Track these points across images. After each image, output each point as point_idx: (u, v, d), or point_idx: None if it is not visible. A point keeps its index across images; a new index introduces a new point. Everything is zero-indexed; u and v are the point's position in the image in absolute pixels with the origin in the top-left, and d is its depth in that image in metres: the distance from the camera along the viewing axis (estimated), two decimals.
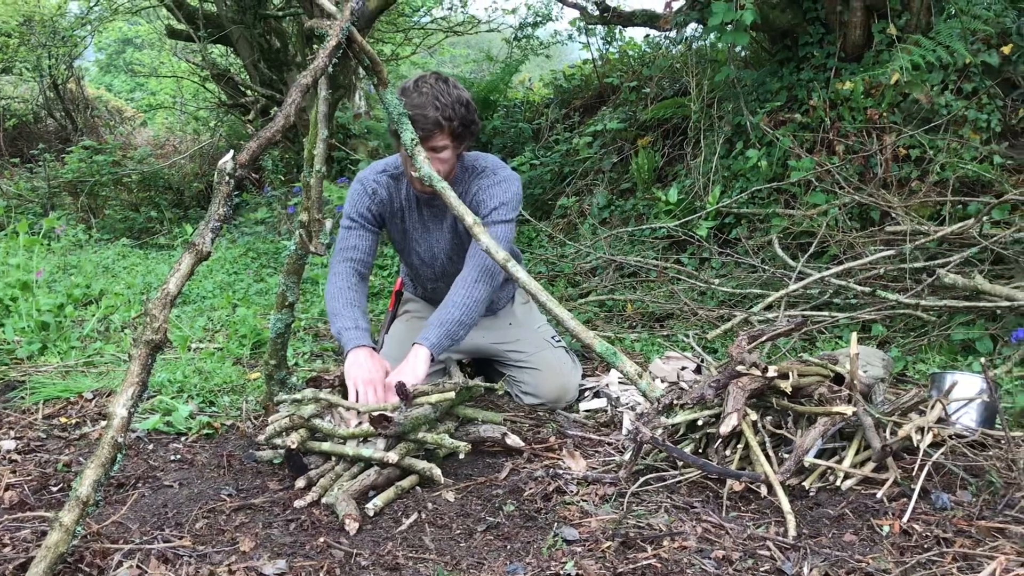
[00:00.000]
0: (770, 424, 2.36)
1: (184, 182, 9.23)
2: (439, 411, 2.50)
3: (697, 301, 4.22)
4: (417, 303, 3.30)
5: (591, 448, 2.66)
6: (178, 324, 4.03)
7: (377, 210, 2.98)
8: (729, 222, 5.00)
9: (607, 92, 7.27)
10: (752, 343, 2.48)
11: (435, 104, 2.70)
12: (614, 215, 5.84)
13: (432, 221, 3.01)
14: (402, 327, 3.22)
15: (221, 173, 2.05)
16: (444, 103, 2.71)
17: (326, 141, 2.53)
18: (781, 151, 4.88)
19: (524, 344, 3.16)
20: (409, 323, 3.22)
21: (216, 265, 5.63)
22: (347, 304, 2.82)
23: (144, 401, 2.85)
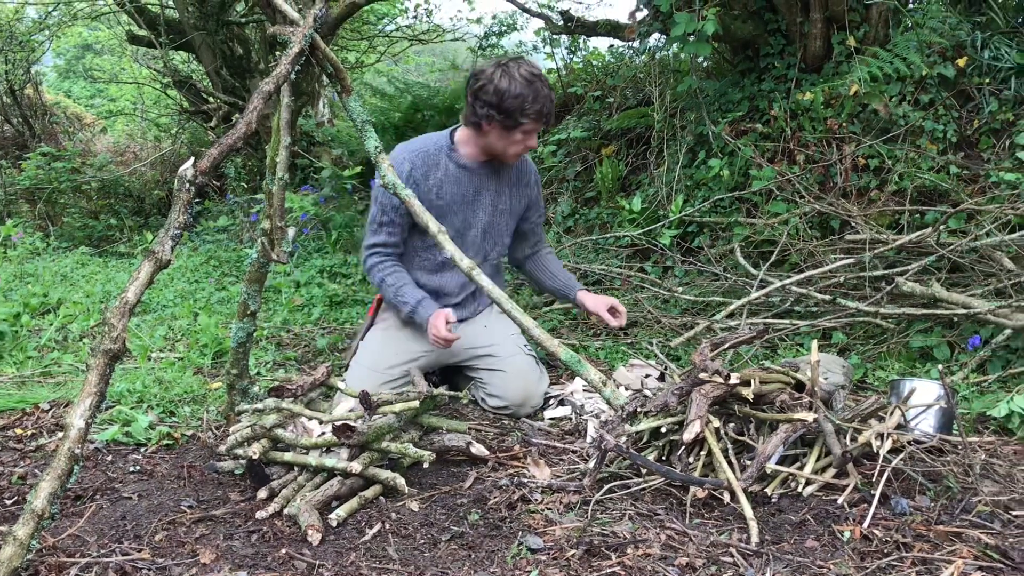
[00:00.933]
0: (733, 431, 2.37)
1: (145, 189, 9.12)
2: (403, 420, 2.49)
3: (661, 309, 4.24)
4: (395, 313, 3.27)
5: (556, 456, 2.65)
6: (138, 333, 3.98)
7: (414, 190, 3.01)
8: (692, 231, 5.04)
9: (572, 101, 7.30)
10: (715, 351, 2.49)
11: (549, 92, 2.92)
12: (578, 223, 5.85)
13: (474, 192, 3.11)
14: (378, 336, 3.20)
15: (181, 180, 2.03)
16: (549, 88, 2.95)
17: (289, 148, 2.51)
18: (743, 161, 4.93)
19: (496, 348, 3.16)
20: (385, 332, 3.19)
21: (177, 273, 5.56)
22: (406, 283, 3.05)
23: (102, 412, 2.81)
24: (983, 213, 3.86)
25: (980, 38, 4.73)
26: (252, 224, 6.65)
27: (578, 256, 5.22)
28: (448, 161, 3.05)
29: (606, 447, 2.26)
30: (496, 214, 3.15)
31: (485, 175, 3.10)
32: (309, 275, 5.18)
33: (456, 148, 3.06)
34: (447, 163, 3.05)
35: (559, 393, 3.19)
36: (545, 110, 2.90)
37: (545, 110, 2.90)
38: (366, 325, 3.30)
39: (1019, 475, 2.34)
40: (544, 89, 2.90)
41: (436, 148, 3.06)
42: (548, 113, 2.91)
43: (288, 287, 5.00)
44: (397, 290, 3.05)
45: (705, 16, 4.63)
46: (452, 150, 3.06)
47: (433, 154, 3.05)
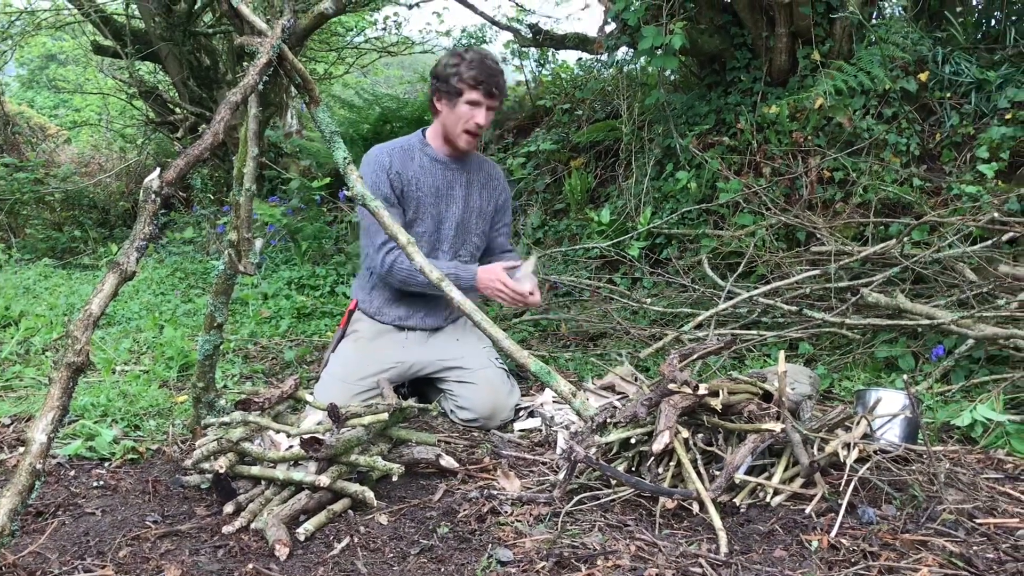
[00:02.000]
0: (701, 441, 2.38)
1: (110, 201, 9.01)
2: (372, 433, 2.47)
3: (630, 320, 4.26)
4: (366, 323, 3.25)
5: (526, 468, 2.65)
6: (102, 346, 3.92)
7: (398, 185, 3.15)
8: (660, 242, 5.07)
9: (541, 114, 7.32)
10: (683, 361, 2.50)
11: (498, 68, 3.06)
12: (548, 235, 5.87)
13: (445, 185, 3.18)
14: (349, 347, 3.19)
15: (147, 191, 2.00)
16: (501, 69, 3.08)
17: (256, 159, 2.49)
18: (710, 173, 4.97)
19: (467, 361, 3.16)
20: (356, 343, 3.18)
21: (143, 285, 5.50)
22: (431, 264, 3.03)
23: (65, 426, 2.76)
24: (945, 225, 3.92)
25: (941, 53, 4.81)
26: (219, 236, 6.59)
27: (548, 268, 5.22)
28: (421, 155, 3.18)
29: (576, 458, 2.26)
30: (467, 210, 3.22)
31: (456, 169, 3.20)
32: (277, 287, 5.15)
33: (428, 142, 3.21)
34: (421, 156, 3.18)
35: (529, 405, 3.18)
36: (481, 77, 3.00)
37: (481, 77, 3.00)
38: (337, 336, 3.29)
39: (982, 484, 2.37)
40: (482, 60, 3.02)
41: (410, 144, 3.21)
42: (485, 82, 3.00)
43: (255, 299, 4.96)
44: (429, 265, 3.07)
45: (672, 30, 4.67)
46: (424, 144, 3.20)
47: (408, 149, 3.19)
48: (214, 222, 6.93)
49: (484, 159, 3.33)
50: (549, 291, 4.87)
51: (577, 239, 5.58)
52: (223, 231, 6.45)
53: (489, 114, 3.09)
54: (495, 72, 3.03)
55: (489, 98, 3.05)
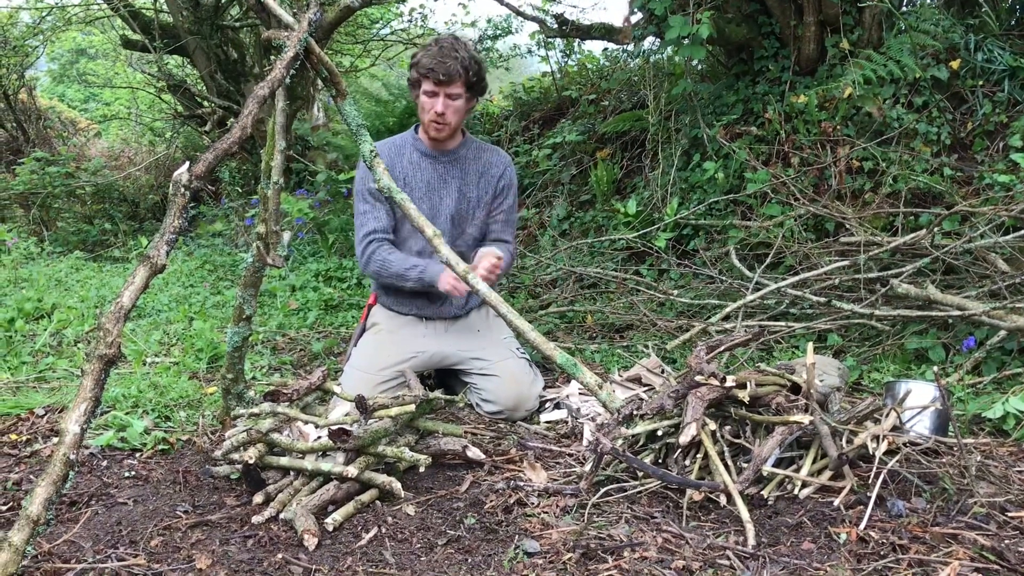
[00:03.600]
0: (729, 434, 2.38)
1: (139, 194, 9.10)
2: (399, 424, 2.49)
3: (656, 312, 4.25)
4: (386, 314, 3.27)
5: (552, 460, 2.65)
6: (132, 338, 3.97)
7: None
8: (687, 233, 5.05)
9: (566, 105, 7.31)
10: (710, 353, 2.49)
11: (453, 55, 2.98)
12: (574, 227, 5.86)
13: (436, 179, 3.18)
14: (370, 339, 3.21)
15: (176, 185, 2.02)
16: (462, 55, 3.01)
17: (284, 152, 2.51)
18: (737, 163, 4.93)
19: (488, 352, 3.16)
20: (377, 336, 3.20)
21: (172, 278, 5.55)
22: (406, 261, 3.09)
23: (97, 417, 2.79)
24: (977, 215, 3.87)
25: (973, 40, 4.74)
26: (247, 228, 6.63)
27: (573, 259, 5.22)
28: (413, 150, 3.20)
29: (602, 450, 2.27)
30: (463, 202, 3.20)
31: (448, 162, 3.19)
32: (304, 279, 5.18)
33: (419, 137, 3.22)
34: (412, 152, 3.19)
35: (555, 396, 3.19)
36: (430, 64, 2.98)
37: (430, 64, 2.98)
38: (358, 330, 3.31)
39: (1014, 476, 2.34)
40: (438, 48, 2.99)
41: (402, 140, 3.23)
42: (433, 70, 2.97)
43: (283, 291, 5.00)
44: (402, 263, 3.10)
45: (699, 19, 4.64)
46: (416, 139, 3.21)
47: (399, 145, 3.21)
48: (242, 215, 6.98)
49: (485, 146, 3.29)
50: (575, 283, 4.87)
51: (603, 230, 5.57)
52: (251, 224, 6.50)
53: (450, 102, 3.03)
54: (446, 57, 2.97)
55: (441, 85, 3.00)
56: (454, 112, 3.06)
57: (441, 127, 3.08)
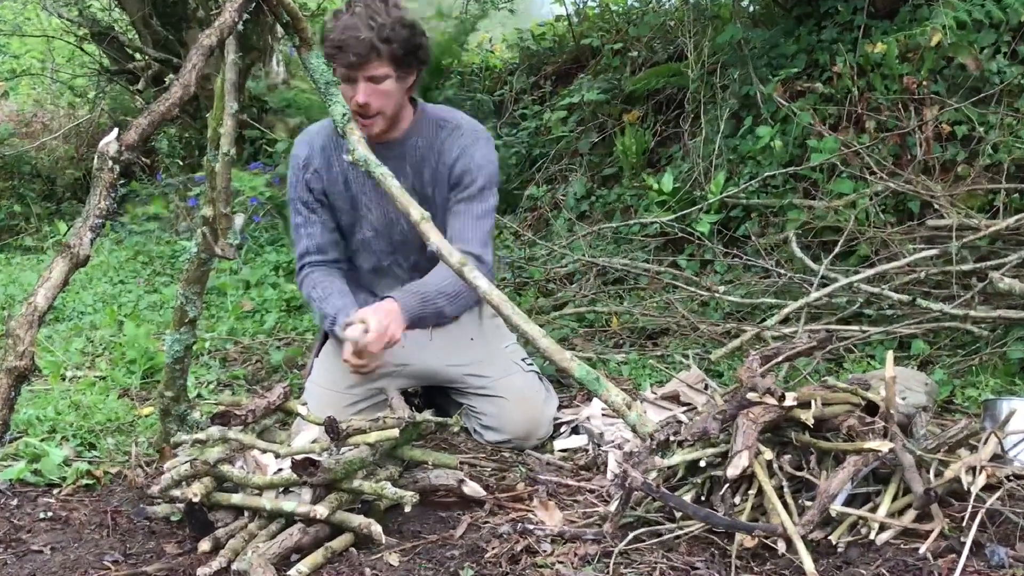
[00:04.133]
0: (788, 464, 2.37)
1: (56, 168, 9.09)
2: (379, 453, 2.49)
3: (698, 313, 4.24)
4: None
5: (569, 497, 2.65)
6: (49, 347, 3.98)
7: (316, 185, 3.09)
8: (736, 216, 5.04)
9: (585, 56, 7.30)
10: (766, 365, 2.49)
11: (369, 24, 2.81)
12: (595, 208, 5.86)
13: None
14: (336, 349, 3.19)
15: (103, 157, 2.03)
16: (381, 22, 2.83)
17: (235, 117, 2.51)
18: (799, 129, 4.92)
19: (488, 367, 3.15)
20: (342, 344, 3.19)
21: (97, 272, 5.56)
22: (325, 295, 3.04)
23: (5, 444, 2.80)
24: None
25: None
26: (190, 210, 6.64)
27: (595, 248, 5.22)
28: None
29: (631, 485, 2.27)
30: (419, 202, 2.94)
31: (396, 158, 3.00)
32: (261, 273, 5.18)
33: None
34: None
35: (572, 418, 3.19)
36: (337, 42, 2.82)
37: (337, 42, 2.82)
38: (320, 337, 3.30)
39: None
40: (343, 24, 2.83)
41: None
42: (343, 49, 2.81)
43: (235, 288, 5.01)
44: (321, 303, 3.04)
45: None
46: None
47: (335, 135, 3.04)
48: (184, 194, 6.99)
49: (445, 121, 3.09)
50: (596, 277, 4.87)
51: (632, 212, 5.56)
52: (195, 205, 6.51)
53: (374, 87, 2.86)
54: (357, 29, 2.80)
55: (356, 68, 2.83)
56: (382, 98, 2.90)
57: (370, 122, 2.93)
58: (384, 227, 3.13)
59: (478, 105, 7.13)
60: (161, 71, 8.57)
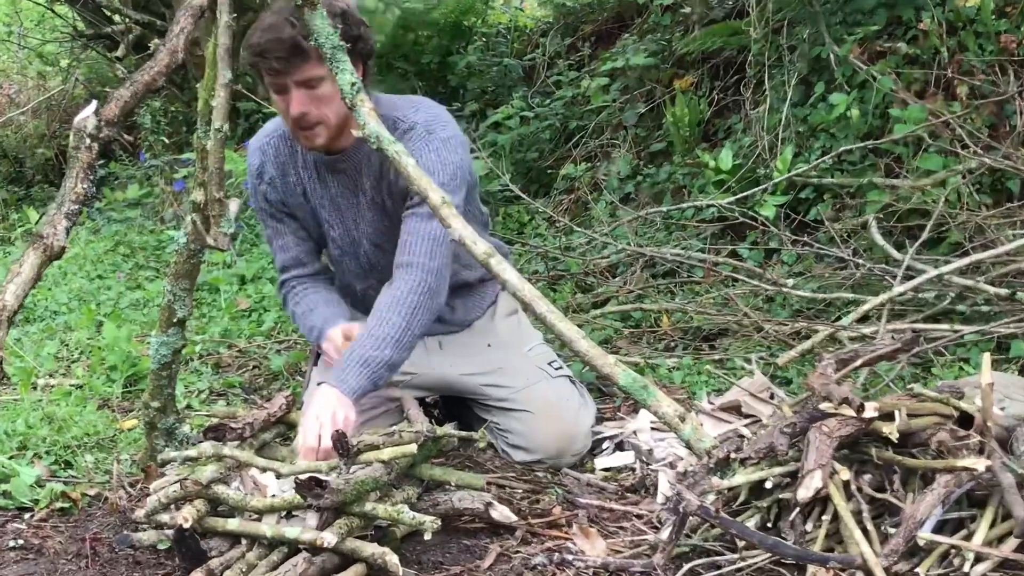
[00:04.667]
0: (869, 485, 2.37)
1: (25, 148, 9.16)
2: (395, 472, 2.50)
3: (762, 311, 4.23)
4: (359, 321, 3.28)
5: (613, 523, 2.66)
6: (18, 351, 4.01)
7: (273, 196, 3.07)
8: (806, 197, 5.02)
9: (630, 13, 7.28)
10: (842, 370, 2.48)
11: (291, 21, 2.72)
12: (641, 189, 5.84)
13: (343, 194, 3.04)
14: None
15: (80, 134, 2.05)
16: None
17: (229, 87, 2.52)
18: (879, 96, 4.89)
19: (509, 375, 3.15)
20: None
21: (72, 266, 5.60)
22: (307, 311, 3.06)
23: None
24: None
25: None
26: (177, 195, 6.68)
27: (642, 236, 5.21)
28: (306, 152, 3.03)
29: (686, 509, 2.26)
30: (383, 217, 3.03)
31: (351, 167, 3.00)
32: (258, 266, 5.20)
33: None
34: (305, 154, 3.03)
35: (616, 433, 3.19)
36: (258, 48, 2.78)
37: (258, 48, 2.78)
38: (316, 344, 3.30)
39: None
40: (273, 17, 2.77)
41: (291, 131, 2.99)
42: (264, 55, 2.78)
43: (230, 284, 5.03)
44: (305, 318, 3.08)
45: None
46: None
47: (289, 140, 3.03)
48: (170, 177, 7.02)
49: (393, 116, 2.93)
50: (644, 270, 4.86)
51: (685, 194, 5.54)
52: (183, 189, 6.54)
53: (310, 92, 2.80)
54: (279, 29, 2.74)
55: (279, 76, 2.78)
56: (320, 105, 2.82)
57: (311, 134, 2.87)
58: (349, 246, 3.12)
59: (505, 71, 7.12)
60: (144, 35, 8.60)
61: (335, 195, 3.04)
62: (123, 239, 6.17)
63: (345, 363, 2.76)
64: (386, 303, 2.81)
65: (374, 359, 2.75)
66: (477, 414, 3.21)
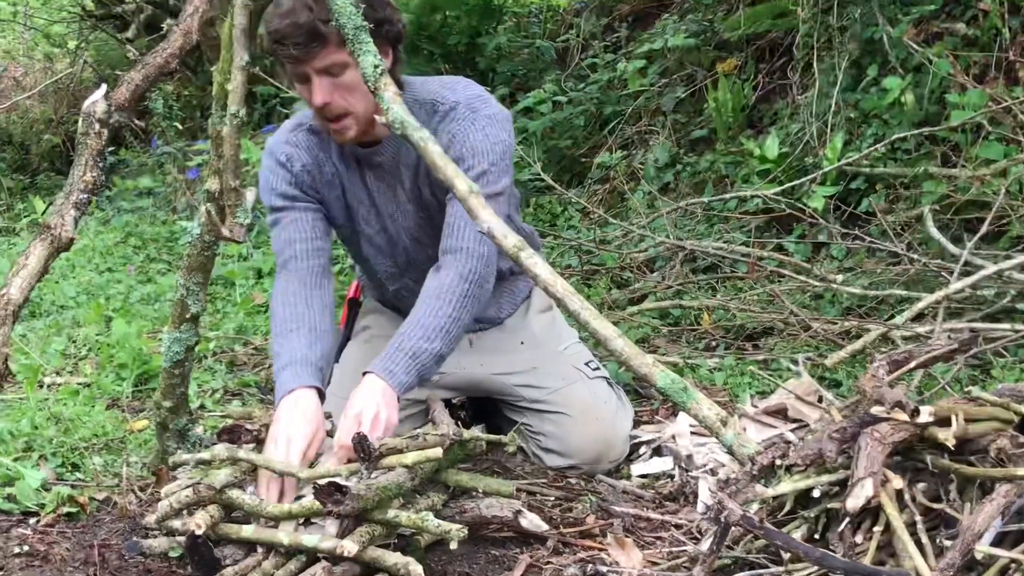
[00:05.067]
0: (923, 495, 2.36)
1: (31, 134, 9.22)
2: (419, 477, 2.50)
3: (810, 308, 4.22)
4: (382, 316, 3.29)
5: (650, 533, 2.66)
6: (24, 347, 4.04)
7: (307, 180, 2.99)
8: (858, 188, 5.00)
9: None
10: (895, 372, 2.47)
11: (309, 4, 2.68)
12: (681, 179, 5.83)
13: (380, 189, 3.02)
14: (359, 352, 3.21)
15: (89, 119, 2.06)
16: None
17: (245, 70, 2.53)
18: (935, 80, 4.87)
19: (544, 375, 3.16)
20: (370, 345, 3.20)
21: (80, 258, 5.63)
22: (280, 334, 2.86)
23: None
24: None
25: None
26: (191, 184, 6.71)
27: (681, 228, 5.20)
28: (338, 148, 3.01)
29: (728, 519, 2.26)
30: (421, 209, 3.02)
31: (387, 160, 2.98)
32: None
33: None
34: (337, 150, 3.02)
35: (654, 437, 3.18)
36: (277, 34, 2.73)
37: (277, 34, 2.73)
38: (340, 340, 3.30)
39: None
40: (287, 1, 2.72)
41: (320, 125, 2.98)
42: (283, 41, 2.73)
43: (245, 277, 5.05)
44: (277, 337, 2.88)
45: None
46: None
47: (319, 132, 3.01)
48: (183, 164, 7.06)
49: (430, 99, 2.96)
50: (683, 264, 4.85)
51: (727, 184, 5.53)
52: (196, 177, 6.57)
53: (333, 80, 2.76)
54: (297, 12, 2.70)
55: (299, 63, 2.75)
56: (346, 94, 2.79)
57: (341, 127, 2.84)
58: (386, 244, 3.10)
59: (537, 54, 7.13)
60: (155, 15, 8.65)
61: (372, 190, 3.02)
62: (134, 230, 6.21)
63: (393, 354, 2.71)
64: (434, 291, 2.79)
65: (424, 351, 2.72)
66: (507, 416, 3.22)
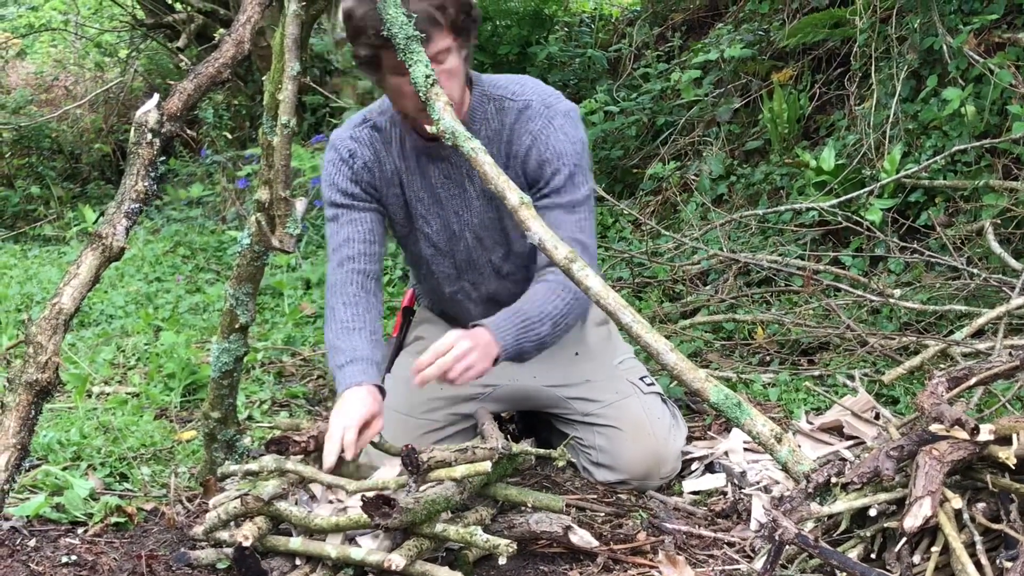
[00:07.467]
0: (983, 515, 2.34)
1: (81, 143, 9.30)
2: (468, 491, 2.50)
3: (867, 323, 4.19)
4: (435, 326, 3.29)
5: (702, 551, 2.65)
6: (73, 357, 4.07)
7: (367, 177, 3.02)
8: (916, 201, 4.97)
9: (724, 2, 7.26)
10: (954, 389, 2.45)
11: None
12: (735, 190, 5.82)
13: (444, 184, 3.03)
14: (411, 363, 3.21)
15: (141, 129, 2.08)
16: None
17: (296, 80, 2.55)
18: (997, 91, 4.84)
19: (597, 388, 3.15)
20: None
21: (130, 268, 5.68)
22: (343, 331, 2.89)
23: (23, 473, 2.89)
24: None
25: None
26: (241, 193, 6.76)
27: (735, 241, 5.18)
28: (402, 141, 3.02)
29: (782, 538, 2.25)
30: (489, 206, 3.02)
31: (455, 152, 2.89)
32: (324, 270, 5.24)
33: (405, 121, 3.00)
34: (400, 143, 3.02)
35: (706, 453, 3.17)
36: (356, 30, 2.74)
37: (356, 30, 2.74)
38: (392, 350, 3.31)
39: None
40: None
41: (382, 120, 3.02)
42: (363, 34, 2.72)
43: (294, 288, 5.08)
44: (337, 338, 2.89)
45: None
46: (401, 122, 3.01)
47: (382, 128, 3.02)
48: (233, 174, 7.11)
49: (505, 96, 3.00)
50: (737, 277, 4.84)
51: (782, 195, 5.52)
52: (247, 187, 6.63)
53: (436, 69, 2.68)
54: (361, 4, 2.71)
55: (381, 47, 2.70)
56: (449, 81, 2.79)
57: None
58: (446, 243, 3.09)
59: (589, 63, 7.14)
60: (206, 25, 8.73)
61: (436, 185, 3.03)
62: (183, 239, 6.26)
63: (507, 317, 2.79)
64: (544, 288, 2.89)
65: (533, 329, 2.81)
66: (558, 429, 3.21)
